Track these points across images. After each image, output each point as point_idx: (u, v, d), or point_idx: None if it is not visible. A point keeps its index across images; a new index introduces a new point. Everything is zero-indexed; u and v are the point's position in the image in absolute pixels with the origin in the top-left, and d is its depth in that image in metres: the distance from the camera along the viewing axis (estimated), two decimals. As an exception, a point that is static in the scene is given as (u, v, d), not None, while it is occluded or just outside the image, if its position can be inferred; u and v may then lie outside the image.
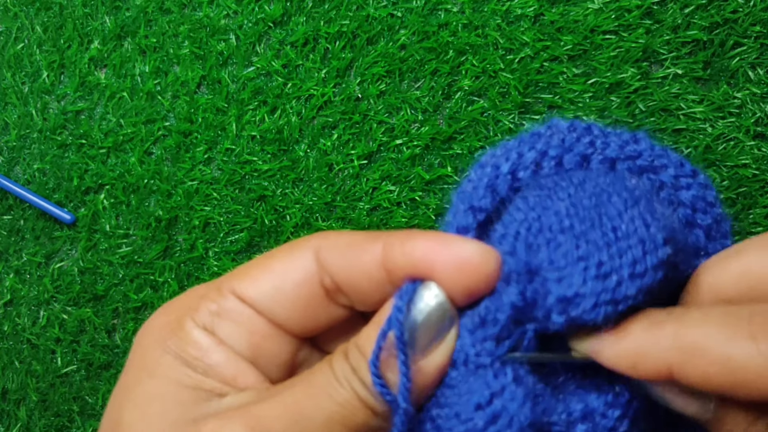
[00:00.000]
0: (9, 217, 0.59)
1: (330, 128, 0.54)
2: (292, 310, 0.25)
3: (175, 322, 0.25)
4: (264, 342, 0.25)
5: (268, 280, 0.25)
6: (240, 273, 0.26)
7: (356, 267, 0.24)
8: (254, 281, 0.25)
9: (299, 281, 0.25)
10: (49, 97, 0.58)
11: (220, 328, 0.25)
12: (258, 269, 0.25)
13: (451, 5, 0.52)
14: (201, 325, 0.25)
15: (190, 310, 0.25)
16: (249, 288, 0.25)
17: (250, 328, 0.25)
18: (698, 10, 0.49)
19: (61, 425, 0.57)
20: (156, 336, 0.25)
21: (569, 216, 0.22)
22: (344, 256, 0.24)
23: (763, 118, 0.48)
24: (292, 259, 0.25)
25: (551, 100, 0.50)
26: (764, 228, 0.48)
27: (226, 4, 0.55)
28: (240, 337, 0.25)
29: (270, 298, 0.25)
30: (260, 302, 0.25)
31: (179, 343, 0.25)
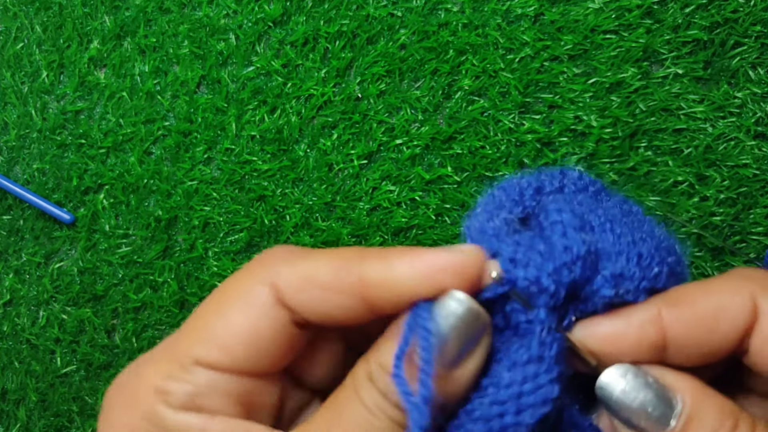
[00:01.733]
0: (8, 217, 0.59)
1: (330, 128, 0.54)
2: (270, 356, 0.23)
3: (150, 410, 0.22)
4: (253, 397, 0.23)
5: (235, 342, 0.22)
6: (196, 333, 0.23)
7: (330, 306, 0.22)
8: (219, 347, 0.22)
9: (271, 330, 0.22)
10: (48, 96, 0.58)
11: (203, 404, 0.22)
12: (217, 328, 0.22)
13: (451, 5, 0.52)
14: (181, 407, 0.22)
15: (161, 395, 0.22)
16: (217, 357, 0.22)
17: (236, 392, 0.22)
18: (699, 10, 0.49)
19: (61, 425, 0.57)
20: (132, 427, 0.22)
21: (608, 218, 0.24)
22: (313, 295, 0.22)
23: (763, 117, 0.48)
24: (249, 304, 0.22)
25: (551, 99, 0.50)
26: (764, 228, 0.48)
27: (226, 4, 0.55)
28: (227, 404, 0.22)
29: (243, 358, 0.22)
30: (235, 364, 0.22)
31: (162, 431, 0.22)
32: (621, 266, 0.22)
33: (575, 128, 0.50)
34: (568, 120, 0.50)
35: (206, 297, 0.24)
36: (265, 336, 0.22)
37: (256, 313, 0.22)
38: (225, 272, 0.54)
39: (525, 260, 0.22)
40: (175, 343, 0.23)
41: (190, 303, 0.55)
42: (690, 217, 0.49)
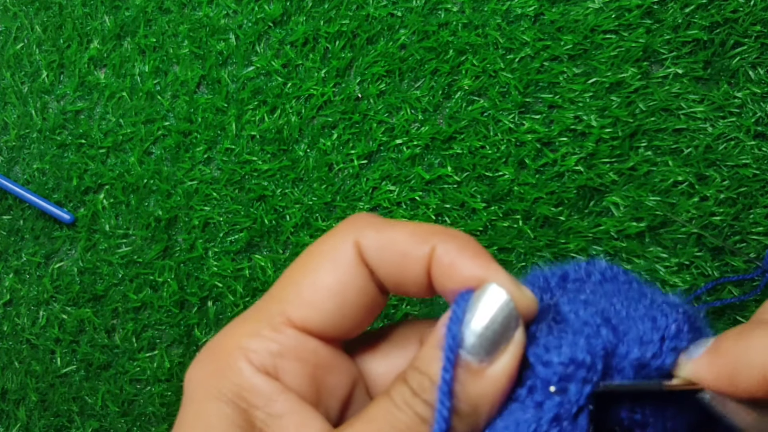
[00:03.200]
0: (8, 217, 0.59)
1: (330, 128, 0.54)
2: (356, 320, 0.23)
3: (227, 365, 0.23)
4: (328, 377, 0.23)
5: (322, 300, 0.23)
6: (288, 295, 0.23)
7: (403, 272, 0.23)
8: (308, 305, 0.23)
9: (355, 290, 0.23)
10: (48, 96, 0.58)
11: (281, 369, 0.22)
12: (306, 287, 0.23)
13: (451, 5, 0.52)
14: (261, 367, 0.22)
15: (243, 350, 0.23)
16: (306, 315, 0.23)
17: (315, 363, 0.23)
18: (699, 10, 0.49)
19: (61, 425, 0.57)
20: (208, 384, 0.23)
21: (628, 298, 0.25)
22: (391, 260, 0.23)
23: (763, 117, 0.48)
24: (335, 261, 0.23)
25: (551, 99, 0.50)
26: (765, 228, 0.48)
27: (226, 4, 0.55)
28: (304, 378, 0.23)
29: (330, 320, 0.23)
30: (321, 328, 0.23)
31: (236, 388, 0.22)
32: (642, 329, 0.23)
33: (575, 128, 0.50)
34: (568, 120, 0.50)
35: (295, 258, 0.25)
36: (351, 292, 0.23)
37: (342, 268, 0.23)
38: (225, 272, 0.54)
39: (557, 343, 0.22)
40: (266, 304, 0.24)
41: (190, 303, 0.55)
42: (690, 217, 0.49)
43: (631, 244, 0.49)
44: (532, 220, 0.51)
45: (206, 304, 0.55)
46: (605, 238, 0.50)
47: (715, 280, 0.48)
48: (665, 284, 0.49)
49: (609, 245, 0.50)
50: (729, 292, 0.48)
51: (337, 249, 0.23)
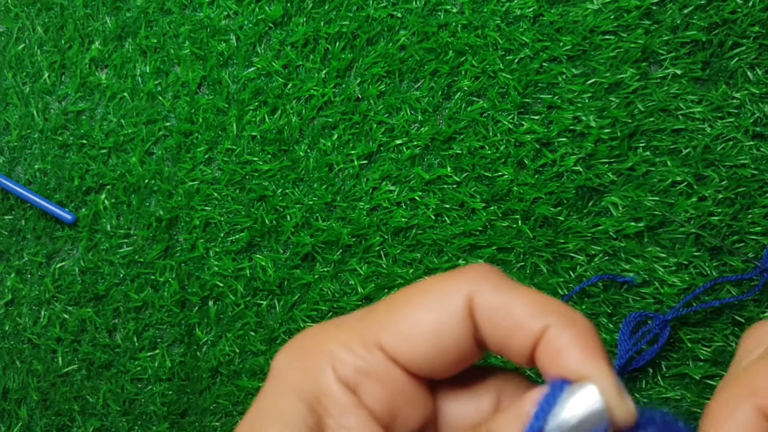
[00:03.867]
0: (10, 217, 0.59)
1: (330, 128, 0.54)
2: (445, 366, 0.23)
3: (314, 366, 0.23)
4: (404, 407, 0.23)
5: (418, 337, 0.23)
6: (385, 320, 0.23)
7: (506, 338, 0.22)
8: (404, 337, 0.23)
9: (455, 339, 0.23)
10: (50, 97, 0.58)
11: (362, 387, 0.23)
12: (406, 319, 0.23)
13: (451, 6, 0.52)
14: (344, 379, 0.23)
15: (331, 356, 0.23)
16: (398, 345, 0.23)
17: (394, 390, 0.23)
18: (697, 11, 0.49)
19: (62, 424, 0.57)
20: (293, 377, 0.23)
21: None
22: (496, 321, 0.22)
23: (761, 118, 0.48)
24: (443, 311, 0.23)
25: (550, 100, 0.51)
26: (763, 228, 0.48)
27: (227, 5, 0.55)
28: (381, 400, 0.23)
29: (421, 359, 0.23)
30: (410, 363, 0.23)
31: (316, 391, 0.23)
32: None
33: (574, 128, 0.50)
34: (567, 120, 0.50)
35: (400, 289, 0.25)
36: (449, 340, 0.23)
37: (447, 316, 0.23)
38: (226, 272, 0.55)
39: None
40: (362, 322, 0.24)
41: (191, 302, 0.55)
42: (688, 217, 0.49)
43: (629, 244, 0.50)
44: (531, 220, 0.51)
45: (207, 303, 0.55)
46: (604, 238, 0.50)
47: (713, 279, 0.48)
48: (664, 284, 0.49)
49: (608, 245, 0.50)
50: (727, 291, 0.49)
51: (448, 295, 0.23)
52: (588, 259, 0.50)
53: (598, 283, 0.50)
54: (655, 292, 0.49)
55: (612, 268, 0.50)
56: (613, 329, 0.49)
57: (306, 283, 0.54)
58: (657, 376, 0.49)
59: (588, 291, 0.50)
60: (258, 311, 0.54)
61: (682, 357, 0.49)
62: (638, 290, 0.50)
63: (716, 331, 0.49)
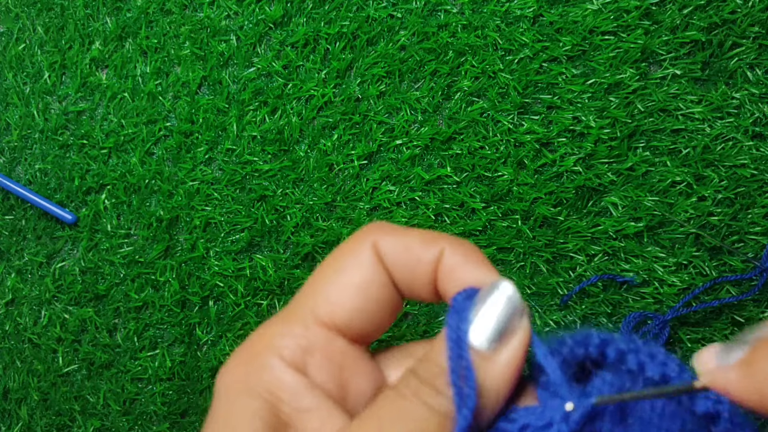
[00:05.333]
0: (11, 217, 0.59)
1: (330, 129, 0.54)
2: (378, 318, 0.25)
3: (258, 361, 0.24)
4: (354, 378, 0.24)
5: (347, 298, 0.24)
6: (314, 295, 0.25)
7: (411, 272, 0.24)
8: (334, 302, 0.24)
9: (376, 288, 0.24)
10: (50, 97, 0.58)
11: (310, 365, 0.24)
12: (331, 286, 0.24)
13: (451, 6, 0.52)
14: (291, 363, 0.23)
15: (274, 347, 0.24)
16: (332, 312, 0.24)
17: (340, 362, 0.24)
18: (697, 11, 0.49)
19: (63, 424, 0.57)
20: (237, 379, 0.24)
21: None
22: (401, 258, 0.24)
23: (761, 118, 0.48)
24: (358, 266, 0.24)
25: (550, 100, 0.51)
26: (762, 228, 0.48)
27: (227, 5, 0.55)
28: (330, 375, 0.24)
29: (356, 316, 0.24)
30: (347, 324, 0.24)
31: (264, 383, 0.23)
32: None
33: (574, 129, 0.50)
34: (567, 120, 0.50)
35: (320, 263, 0.26)
36: (372, 290, 0.24)
37: (364, 268, 0.24)
38: (226, 272, 0.55)
39: None
40: (295, 305, 0.25)
41: (192, 302, 0.55)
42: (688, 217, 0.49)
43: (629, 244, 0.50)
44: (530, 220, 0.51)
45: (207, 303, 0.55)
46: (603, 238, 0.50)
47: (713, 279, 0.48)
48: (663, 284, 0.49)
49: (607, 245, 0.50)
50: (727, 291, 0.49)
51: (358, 251, 0.25)
52: (588, 259, 0.50)
53: (597, 283, 0.50)
54: (654, 292, 0.49)
55: (612, 268, 0.50)
56: (613, 329, 0.50)
57: (306, 283, 0.54)
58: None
59: (588, 291, 0.50)
60: (258, 311, 0.54)
61: (681, 357, 0.49)
62: (638, 290, 0.50)
63: (716, 331, 0.49)
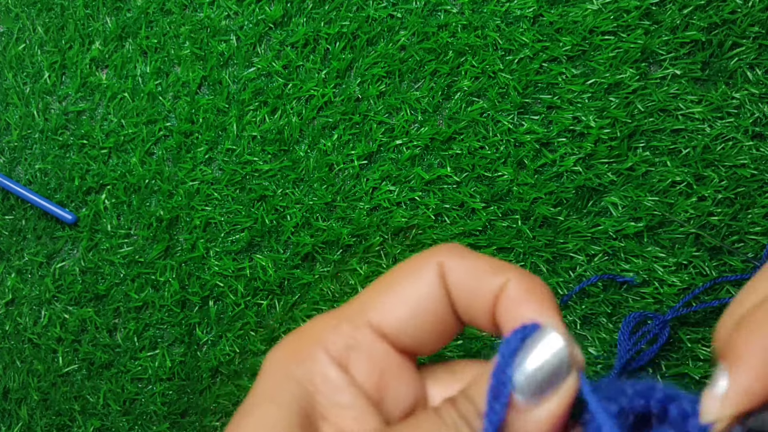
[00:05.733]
0: (10, 217, 0.59)
1: (330, 129, 0.54)
2: (429, 336, 0.25)
3: (305, 351, 0.24)
4: (393, 382, 0.25)
5: (401, 309, 0.24)
6: (369, 300, 0.25)
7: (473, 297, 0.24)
8: (388, 311, 0.25)
9: (433, 306, 0.25)
10: (50, 97, 0.58)
11: (353, 363, 0.24)
12: (388, 296, 0.25)
13: (451, 6, 0.52)
14: (335, 357, 0.24)
15: (321, 340, 0.25)
16: (384, 319, 0.25)
17: (383, 366, 0.25)
18: (697, 11, 0.49)
19: (63, 424, 0.57)
20: (283, 363, 0.24)
21: None
22: (465, 282, 0.24)
23: (761, 118, 0.48)
24: (419, 282, 0.25)
25: (550, 100, 0.51)
26: (762, 228, 0.48)
27: (227, 5, 0.55)
28: (371, 376, 0.24)
29: (406, 329, 0.25)
30: (396, 335, 0.25)
31: (308, 373, 0.24)
32: None
33: (574, 129, 0.50)
34: (567, 120, 0.50)
35: (380, 276, 0.27)
36: (428, 308, 0.25)
37: (425, 286, 0.25)
38: (226, 271, 0.55)
39: None
40: (349, 307, 0.26)
41: (192, 302, 0.55)
42: (688, 217, 0.49)
43: (629, 244, 0.50)
44: (531, 220, 0.51)
45: (207, 303, 0.55)
46: (603, 238, 0.50)
47: (713, 279, 0.48)
48: (663, 284, 0.49)
49: (607, 245, 0.50)
50: (727, 291, 0.49)
51: (422, 267, 0.25)
52: (588, 259, 0.50)
53: (597, 283, 0.50)
54: (654, 292, 0.49)
55: (612, 268, 0.50)
56: (612, 329, 0.50)
57: (306, 283, 0.54)
58: (657, 376, 0.49)
59: (588, 291, 0.50)
60: (258, 311, 0.54)
61: (681, 357, 0.49)
62: (638, 290, 0.50)
63: (716, 331, 0.49)
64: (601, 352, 0.49)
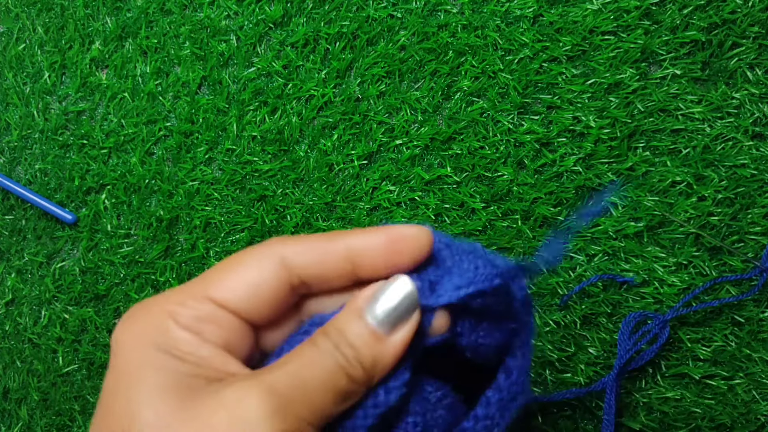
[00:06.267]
0: (11, 217, 0.59)
1: (330, 129, 0.54)
2: (266, 310, 0.30)
3: (159, 326, 0.28)
4: (237, 338, 0.29)
5: (242, 288, 0.29)
6: (212, 279, 0.29)
7: (323, 264, 0.30)
8: (229, 289, 0.29)
9: (273, 286, 0.29)
10: (50, 97, 0.58)
11: (203, 329, 0.28)
12: (230, 276, 0.29)
13: (451, 6, 0.52)
14: (185, 327, 0.28)
15: (171, 314, 0.28)
16: (225, 296, 0.29)
17: (227, 328, 0.29)
18: (697, 11, 0.49)
19: (63, 424, 0.57)
20: (142, 338, 0.28)
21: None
22: (313, 258, 0.30)
23: (761, 118, 0.48)
24: (261, 266, 0.29)
25: (550, 100, 0.51)
26: (762, 228, 0.48)
27: (227, 5, 0.55)
28: (218, 336, 0.28)
29: (245, 302, 0.29)
30: (236, 306, 0.29)
31: (169, 342, 0.27)
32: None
33: (574, 129, 0.50)
34: (567, 120, 0.50)
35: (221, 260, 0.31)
36: (266, 288, 0.29)
37: (264, 269, 0.29)
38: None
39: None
40: (189, 285, 0.30)
41: (192, 302, 0.55)
42: (688, 217, 0.49)
43: (629, 244, 0.50)
44: (530, 220, 0.51)
45: (207, 303, 0.55)
46: (603, 238, 0.50)
47: (713, 279, 0.48)
48: (663, 284, 0.49)
49: (607, 245, 0.50)
50: (727, 291, 0.49)
51: (260, 254, 0.30)
52: (588, 259, 0.50)
53: (597, 283, 0.50)
54: (654, 292, 0.49)
55: (611, 268, 0.50)
56: (612, 329, 0.50)
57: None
58: (657, 376, 0.49)
59: (588, 291, 0.50)
60: (258, 311, 0.54)
61: (681, 357, 0.49)
62: (638, 290, 0.50)
63: (716, 331, 0.49)
64: (601, 352, 0.49)
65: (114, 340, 0.28)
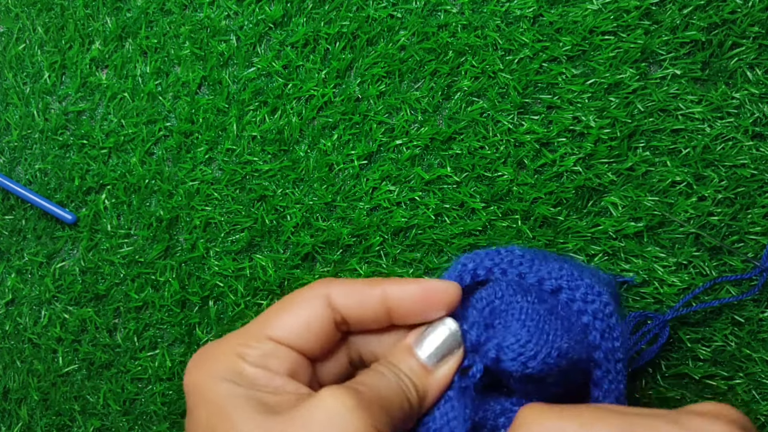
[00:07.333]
0: (10, 217, 0.59)
1: (330, 129, 0.54)
2: (317, 343, 0.34)
3: (230, 366, 0.32)
4: (299, 368, 0.34)
5: (296, 326, 0.34)
6: (269, 320, 0.34)
7: (362, 306, 0.35)
8: (285, 327, 0.34)
9: (322, 323, 0.34)
10: (50, 97, 0.58)
11: (270, 364, 0.33)
12: (284, 316, 0.34)
13: (451, 6, 0.52)
14: (254, 364, 0.32)
15: (239, 355, 0.33)
16: (282, 333, 0.33)
17: (289, 360, 0.33)
18: (697, 11, 0.49)
19: (63, 424, 0.57)
20: (219, 378, 0.32)
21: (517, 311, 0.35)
22: (354, 299, 0.35)
23: (761, 118, 0.48)
24: (310, 306, 0.34)
25: (550, 100, 0.51)
26: (762, 228, 0.48)
27: (227, 5, 0.55)
28: (285, 368, 0.33)
29: (300, 338, 0.34)
30: (293, 342, 0.33)
31: (245, 379, 0.32)
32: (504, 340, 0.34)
33: (574, 129, 0.50)
34: (567, 120, 0.50)
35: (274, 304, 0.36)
36: (317, 325, 0.34)
37: (313, 309, 0.34)
38: (226, 271, 0.55)
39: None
40: (248, 328, 0.34)
41: (192, 302, 0.55)
42: (688, 217, 0.49)
43: (629, 244, 0.50)
44: (530, 220, 0.51)
45: (207, 303, 0.55)
46: (603, 238, 0.50)
47: (713, 279, 0.48)
48: (663, 284, 0.49)
49: (607, 245, 0.50)
50: (727, 291, 0.49)
51: (309, 295, 0.35)
52: (588, 259, 0.50)
53: (597, 283, 0.50)
54: (654, 291, 0.49)
55: (611, 268, 0.50)
56: (612, 329, 0.50)
57: (306, 283, 0.54)
58: (657, 376, 0.49)
59: (588, 291, 0.50)
60: (258, 311, 0.54)
61: (681, 357, 0.49)
62: (638, 290, 0.50)
63: (716, 331, 0.49)
64: (601, 352, 0.49)
65: (190, 384, 0.32)
